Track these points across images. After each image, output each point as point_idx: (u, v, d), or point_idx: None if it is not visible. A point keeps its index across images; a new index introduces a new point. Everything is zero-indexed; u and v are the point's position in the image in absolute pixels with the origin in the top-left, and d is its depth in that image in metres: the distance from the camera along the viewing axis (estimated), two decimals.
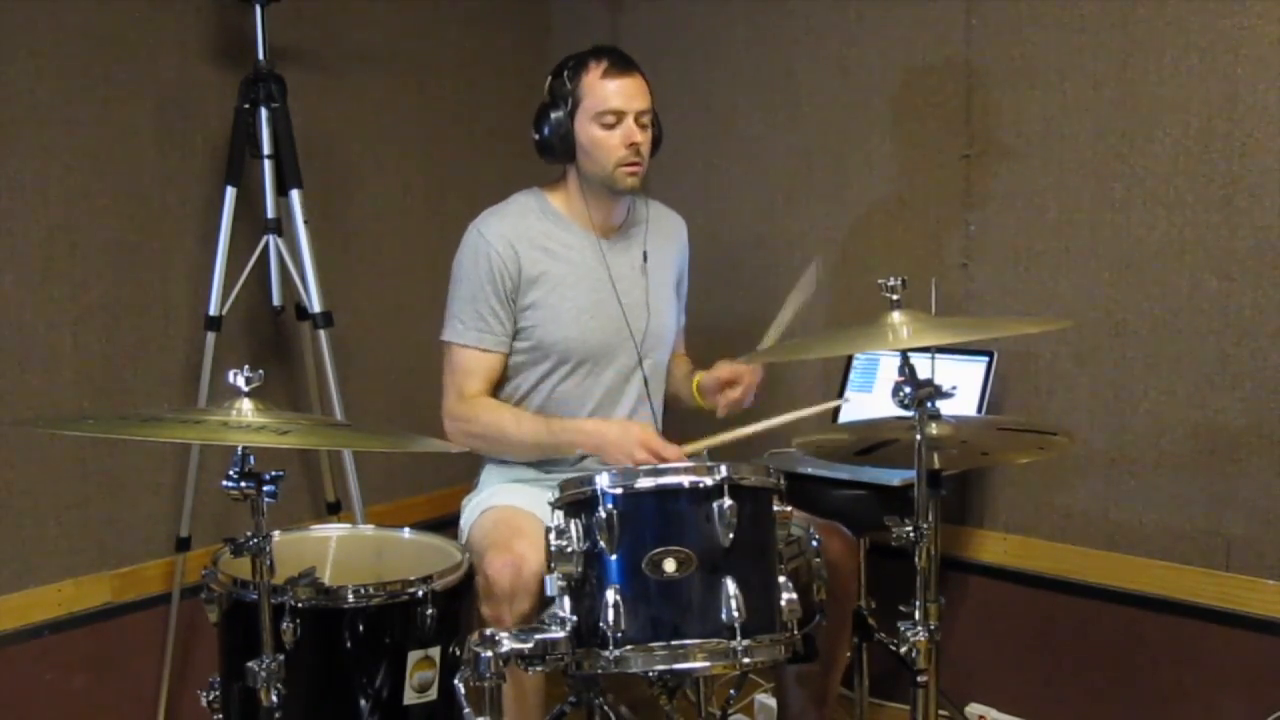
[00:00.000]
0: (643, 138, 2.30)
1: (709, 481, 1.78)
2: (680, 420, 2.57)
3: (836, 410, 2.78)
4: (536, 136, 2.33)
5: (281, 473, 1.73)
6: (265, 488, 1.71)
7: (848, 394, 2.83)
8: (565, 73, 2.30)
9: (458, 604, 1.99)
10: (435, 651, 1.93)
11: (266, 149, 2.66)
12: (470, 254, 2.33)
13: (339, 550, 2.21)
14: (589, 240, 2.38)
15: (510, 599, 2.03)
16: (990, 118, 2.75)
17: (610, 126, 2.27)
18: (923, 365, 1.92)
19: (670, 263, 2.51)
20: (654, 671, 1.77)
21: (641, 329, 2.40)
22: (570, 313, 2.33)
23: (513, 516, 2.21)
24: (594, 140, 2.28)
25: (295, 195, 2.68)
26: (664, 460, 2.13)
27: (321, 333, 2.72)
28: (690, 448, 2.20)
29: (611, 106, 2.26)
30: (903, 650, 1.93)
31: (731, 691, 2.35)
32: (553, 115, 2.30)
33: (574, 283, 2.35)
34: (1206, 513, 2.52)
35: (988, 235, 2.78)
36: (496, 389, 2.38)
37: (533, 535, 2.08)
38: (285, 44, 2.83)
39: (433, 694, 1.93)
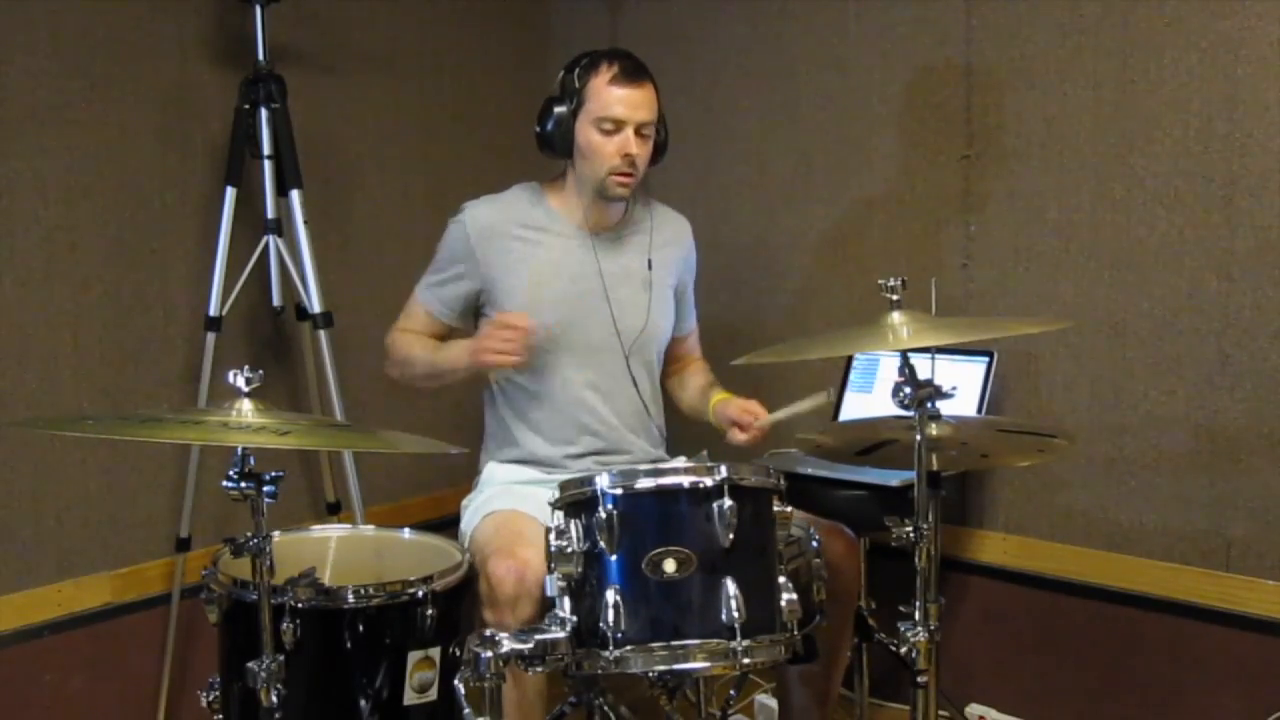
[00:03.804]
0: (639, 149, 2.29)
1: (709, 482, 1.78)
2: (684, 424, 2.58)
3: (836, 405, 2.75)
4: (538, 129, 2.34)
5: (281, 473, 1.73)
6: (265, 488, 1.71)
7: (832, 391, 2.74)
8: (577, 70, 2.30)
9: (458, 604, 1.99)
10: (435, 652, 1.93)
11: (266, 149, 2.67)
12: (454, 231, 2.40)
13: (339, 551, 2.22)
14: (581, 235, 2.39)
15: (513, 605, 2.02)
16: (990, 118, 2.75)
17: (609, 134, 2.27)
18: (923, 365, 1.92)
19: (672, 267, 2.50)
20: (654, 672, 1.77)
21: (635, 329, 2.40)
22: (549, 301, 2.34)
23: (515, 521, 2.21)
24: (591, 144, 2.28)
25: (295, 195, 2.69)
26: (511, 325, 2.21)
27: (321, 333, 2.72)
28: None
29: (612, 114, 2.26)
30: (903, 650, 1.93)
31: (731, 692, 2.36)
32: (556, 111, 2.30)
33: (557, 273, 2.36)
34: (1206, 513, 2.52)
35: (988, 235, 2.78)
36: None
37: (536, 541, 2.06)
38: (285, 44, 2.83)
39: (433, 694, 1.93)
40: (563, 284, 2.35)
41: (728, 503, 1.75)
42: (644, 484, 1.79)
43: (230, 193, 2.64)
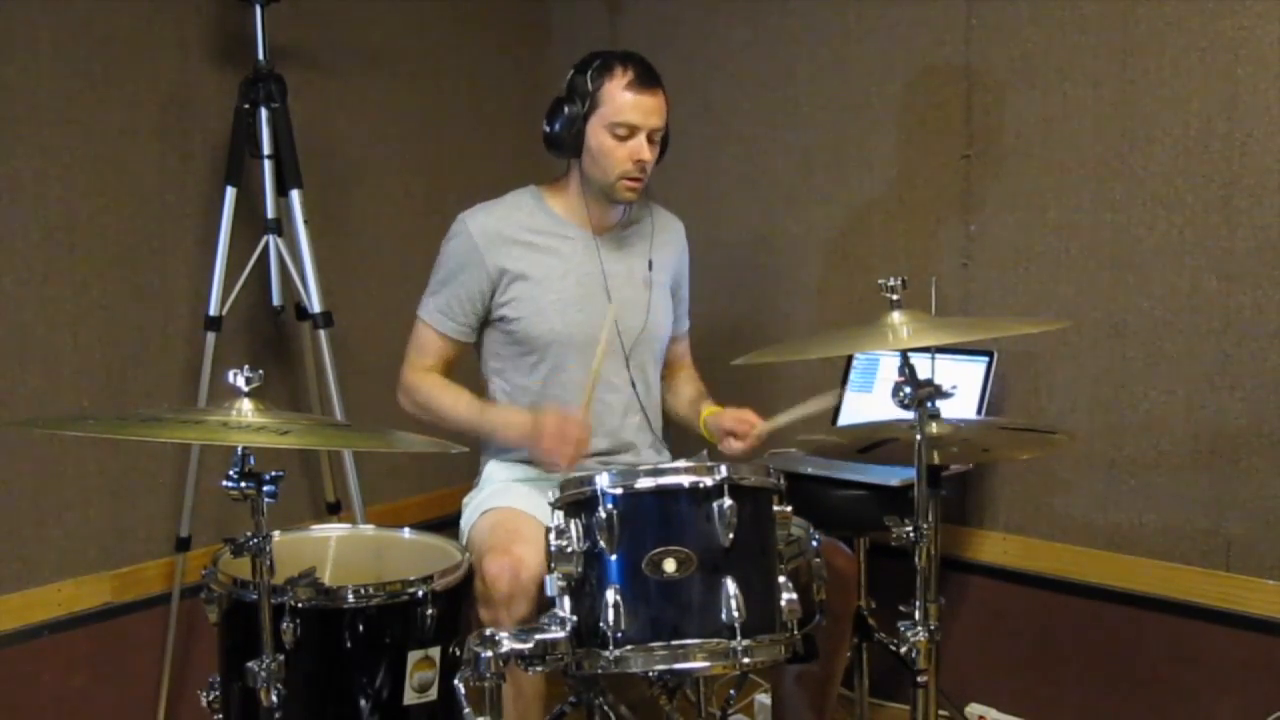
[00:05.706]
0: (650, 155, 2.30)
1: (709, 481, 1.77)
2: (678, 430, 2.58)
3: (836, 407, 2.76)
4: (547, 129, 2.33)
5: (281, 473, 1.73)
6: (265, 488, 1.70)
7: (844, 390, 2.80)
8: (589, 72, 2.29)
9: (458, 604, 1.99)
10: (435, 651, 1.93)
11: (266, 149, 2.67)
12: (453, 243, 2.36)
13: (339, 550, 2.22)
14: (583, 236, 2.39)
15: (508, 603, 2.02)
16: (990, 118, 2.75)
17: (622, 138, 2.27)
18: (923, 365, 1.93)
19: (669, 267, 2.51)
20: (654, 671, 1.77)
21: (635, 329, 2.40)
22: (554, 305, 2.34)
23: (512, 519, 2.21)
24: (603, 147, 2.28)
25: (295, 195, 2.69)
26: (575, 433, 2.18)
27: (321, 333, 2.72)
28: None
29: (627, 120, 2.26)
30: (903, 650, 1.93)
31: (731, 691, 2.35)
32: (567, 111, 2.30)
33: (561, 276, 2.35)
34: (1206, 513, 2.52)
35: (988, 235, 2.78)
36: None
37: (532, 538, 2.07)
38: (285, 44, 2.83)
39: (433, 694, 1.93)
40: (569, 287, 2.35)
41: (728, 502, 1.75)
42: (644, 483, 1.79)
43: (230, 192, 2.64)
